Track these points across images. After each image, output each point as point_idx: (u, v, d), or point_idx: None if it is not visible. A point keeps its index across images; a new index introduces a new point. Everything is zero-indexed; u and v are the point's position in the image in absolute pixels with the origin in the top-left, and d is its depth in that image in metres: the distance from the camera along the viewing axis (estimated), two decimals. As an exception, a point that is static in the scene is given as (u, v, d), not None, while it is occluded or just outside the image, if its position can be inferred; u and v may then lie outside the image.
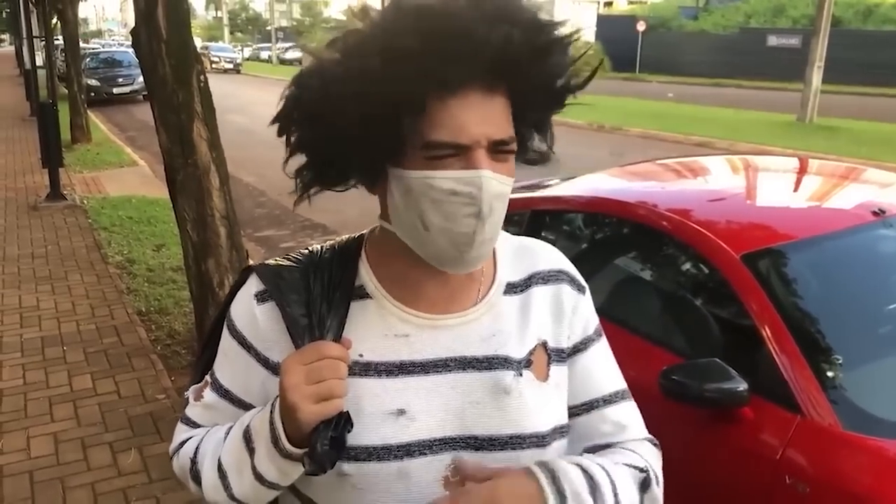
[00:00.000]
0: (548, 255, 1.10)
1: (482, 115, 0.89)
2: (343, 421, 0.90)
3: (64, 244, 7.09)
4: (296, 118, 0.95)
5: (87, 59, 21.34)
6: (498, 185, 0.90)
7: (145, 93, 11.09)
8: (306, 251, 1.06)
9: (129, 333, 4.96)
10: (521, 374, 0.99)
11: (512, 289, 1.05)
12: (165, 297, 5.58)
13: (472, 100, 0.88)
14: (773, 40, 28.38)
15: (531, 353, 1.01)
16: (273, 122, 0.97)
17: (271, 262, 1.05)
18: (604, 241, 3.05)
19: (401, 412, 0.95)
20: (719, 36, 31.72)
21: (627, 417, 1.08)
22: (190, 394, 1.11)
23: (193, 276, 4.16)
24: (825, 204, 2.76)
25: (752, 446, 1.95)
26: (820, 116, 15.69)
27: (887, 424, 1.87)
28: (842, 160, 8.05)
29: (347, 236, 1.09)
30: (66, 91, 13.56)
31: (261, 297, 1.00)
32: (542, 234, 2.94)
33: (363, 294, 1.00)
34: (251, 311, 1.01)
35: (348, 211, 8.82)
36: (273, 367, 0.99)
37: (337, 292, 0.99)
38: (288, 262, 1.04)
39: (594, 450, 1.05)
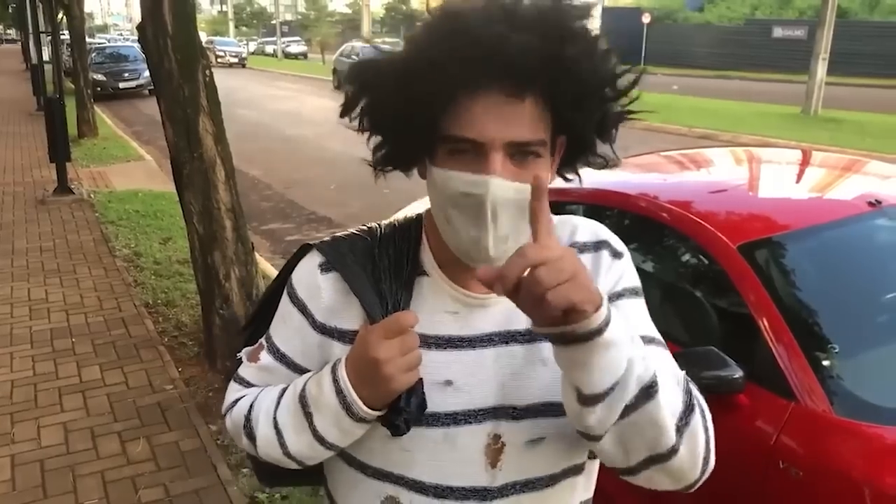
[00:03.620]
0: (586, 226, 1.12)
1: (502, 117, 0.92)
2: (421, 386, 0.99)
3: (72, 238, 7.15)
4: (357, 105, 1.02)
5: (93, 54, 21.37)
6: (508, 192, 0.92)
7: (151, 87, 11.10)
8: (366, 228, 1.12)
9: (136, 325, 5.02)
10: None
11: None
12: (172, 290, 5.64)
13: (492, 102, 0.92)
14: (778, 32, 28.25)
15: None
16: (343, 109, 1.03)
17: (328, 238, 1.11)
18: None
19: (448, 383, 1.02)
20: (724, 28, 31.59)
21: (657, 360, 1.01)
22: (243, 355, 1.16)
23: (200, 268, 4.21)
24: (823, 195, 2.79)
25: (747, 432, 1.99)
26: (825, 108, 15.65)
27: (880, 410, 1.91)
28: (845, 152, 8.05)
29: (406, 216, 1.14)
30: (73, 86, 13.63)
31: (325, 268, 1.06)
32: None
33: (422, 271, 1.07)
34: (314, 280, 1.07)
35: (353, 204, 8.89)
36: (330, 333, 1.05)
37: (405, 268, 1.05)
38: (350, 238, 1.10)
39: None
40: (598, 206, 3.03)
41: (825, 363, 2.02)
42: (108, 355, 4.57)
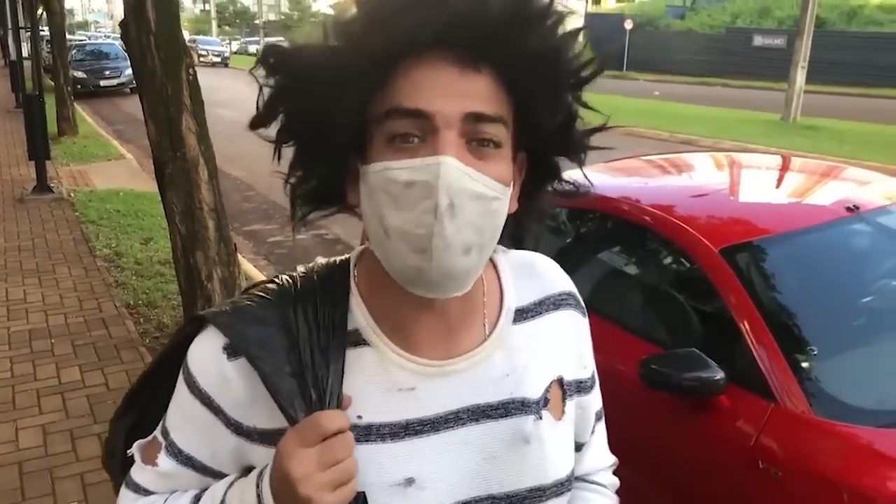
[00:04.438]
0: (556, 275, 0.97)
1: (454, 87, 0.74)
2: (360, 502, 0.79)
3: (51, 237, 7.07)
4: (276, 107, 0.81)
5: (74, 51, 21.22)
6: (465, 177, 0.73)
7: (133, 86, 10.97)
8: (274, 285, 0.87)
9: (117, 326, 4.97)
10: (540, 418, 0.87)
11: (521, 316, 0.91)
12: (153, 291, 5.59)
13: (441, 70, 0.74)
14: (758, 40, 28.57)
15: (548, 390, 0.90)
16: (256, 117, 0.82)
17: (227, 306, 0.86)
18: (588, 236, 3.11)
19: (409, 482, 0.82)
20: (706, 35, 31.90)
21: (600, 453, 1.04)
22: (136, 452, 0.92)
23: (181, 268, 4.18)
24: (803, 200, 2.83)
25: (727, 433, 2.01)
26: (803, 116, 15.84)
27: (857, 411, 1.94)
28: (824, 159, 8.16)
29: (328, 261, 0.91)
30: (53, 83, 13.47)
31: (231, 352, 0.82)
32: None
33: (358, 340, 0.84)
34: (220, 369, 0.82)
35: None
36: (248, 434, 0.83)
37: (330, 338, 0.82)
38: (255, 302, 0.85)
39: None
40: (581, 209, 3.05)
41: (804, 365, 2.05)
42: (88, 356, 4.53)
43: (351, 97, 0.74)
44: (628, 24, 32.22)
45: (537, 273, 0.95)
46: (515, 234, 0.90)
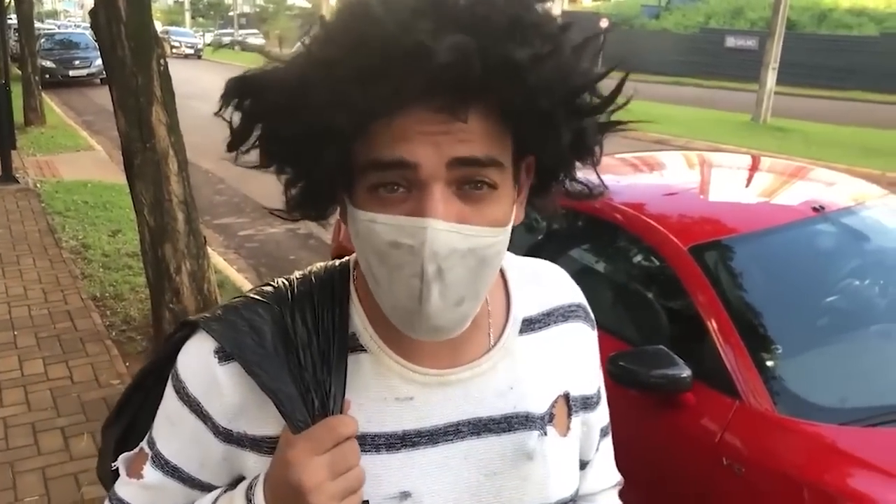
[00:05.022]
0: (565, 286, 0.93)
1: (439, 132, 0.67)
2: None
3: (16, 228, 6.94)
4: (249, 135, 0.75)
5: (43, 40, 20.79)
6: (454, 236, 0.68)
7: (103, 76, 10.80)
8: (271, 288, 0.83)
9: (83, 319, 4.89)
10: (545, 433, 0.84)
11: (529, 326, 0.87)
12: (121, 283, 5.51)
13: (425, 117, 0.66)
14: (731, 41, 28.86)
15: (553, 405, 0.86)
16: (231, 141, 0.76)
17: (219, 310, 0.82)
18: (559, 233, 3.12)
19: (405, 496, 0.78)
20: (680, 35, 32.18)
21: (604, 472, 1.00)
22: (121, 465, 0.88)
23: (150, 261, 4.13)
24: (771, 200, 2.86)
25: (693, 430, 2.03)
26: (774, 117, 16.04)
27: (820, 409, 1.97)
28: (792, 160, 8.28)
29: (327, 265, 0.87)
30: (20, 72, 13.21)
31: (223, 355, 0.78)
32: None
33: (357, 346, 0.80)
34: (211, 373, 0.78)
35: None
36: (239, 441, 0.79)
37: (330, 343, 0.78)
38: (250, 306, 0.81)
39: None
40: (554, 206, 3.06)
41: (769, 363, 2.08)
42: (52, 349, 4.45)
43: (328, 150, 0.69)
44: (604, 23, 32.40)
45: (546, 282, 0.91)
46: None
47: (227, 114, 0.74)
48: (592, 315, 0.95)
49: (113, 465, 0.89)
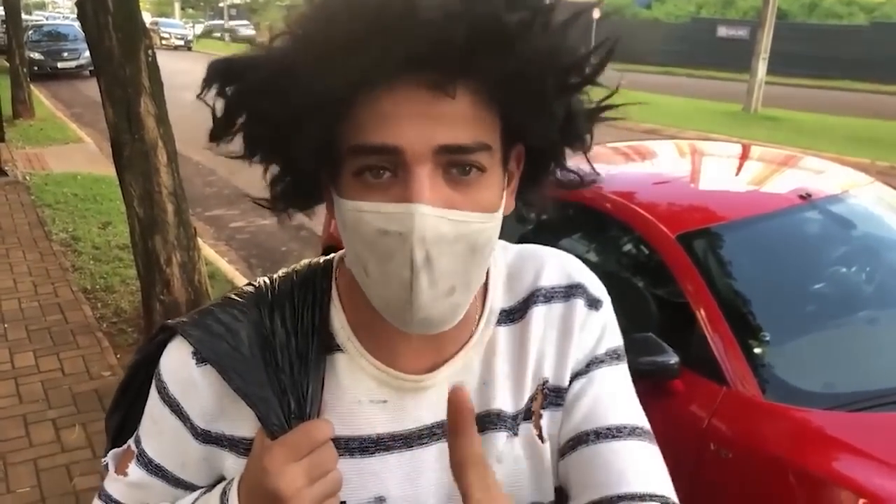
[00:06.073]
0: (555, 264, 0.87)
1: (426, 116, 0.65)
2: None
3: (5, 221, 6.90)
4: (233, 123, 0.74)
5: (31, 32, 20.62)
6: (442, 221, 0.66)
7: (91, 68, 10.77)
8: (252, 288, 0.82)
9: (73, 311, 4.88)
10: (515, 434, 0.80)
11: (508, 317, 0.83)
12: (111, 275, 5.50)
13: (410, 96, 0.65)
14: (722, 31, 28.88)
15: (531, 399, 0.81)
16: (214, 130, 0.75)
17: (196, 314, 0.81)
18: (549, 223, 3.12)
19: (380, 500, 0.78)
20: (671, 25, 32.17)
21: (632, 461, 0.79)
22: (110, 461, 0.89)
23: (140, 253, 4.12)
24: (759, 188, 2.88)
25: (682, 416, 2.05)
26: (764, 106, 16.08)
27: (806, 394, 1.99)
28: (782, 149, 8.30)
29: (310, 262, 0.85)
30: (8, 64, 13.11)
31: (200, 358, 0.78)
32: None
33: (334, 346, 0.79)
34: (188, 374, 0.78)
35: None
36: (217, 441, 0.79)
37: (309, 344, 0.77)
38: (226, 308, 0.80)
39: None
40: (543, 195, 3.07)
41: (756, 350, 2.10)
42: (42, 341, 4.44)
43: (309, 131, 0.67)
44: (595, 13, 32.35)
45: (534, 266, 0.86)
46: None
47: (210, 98, 0.73)
48: (599, 294, 0.88)
49: (103, 460, 0.90)
